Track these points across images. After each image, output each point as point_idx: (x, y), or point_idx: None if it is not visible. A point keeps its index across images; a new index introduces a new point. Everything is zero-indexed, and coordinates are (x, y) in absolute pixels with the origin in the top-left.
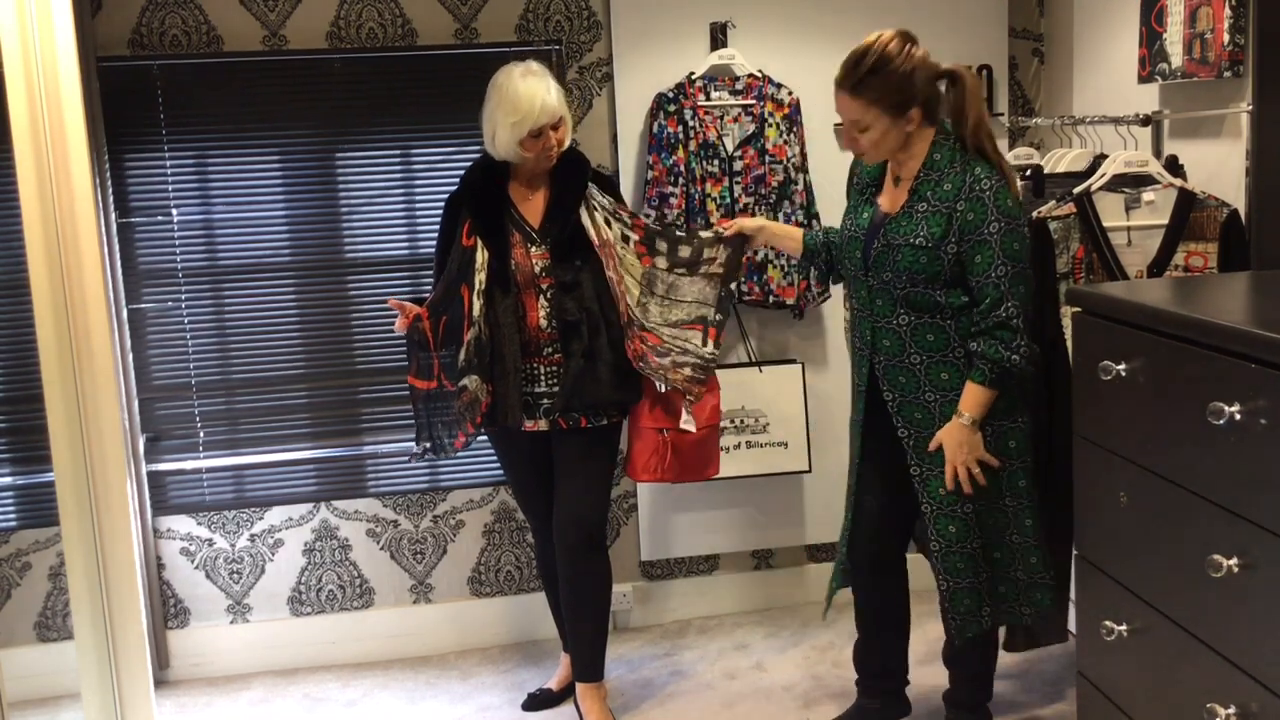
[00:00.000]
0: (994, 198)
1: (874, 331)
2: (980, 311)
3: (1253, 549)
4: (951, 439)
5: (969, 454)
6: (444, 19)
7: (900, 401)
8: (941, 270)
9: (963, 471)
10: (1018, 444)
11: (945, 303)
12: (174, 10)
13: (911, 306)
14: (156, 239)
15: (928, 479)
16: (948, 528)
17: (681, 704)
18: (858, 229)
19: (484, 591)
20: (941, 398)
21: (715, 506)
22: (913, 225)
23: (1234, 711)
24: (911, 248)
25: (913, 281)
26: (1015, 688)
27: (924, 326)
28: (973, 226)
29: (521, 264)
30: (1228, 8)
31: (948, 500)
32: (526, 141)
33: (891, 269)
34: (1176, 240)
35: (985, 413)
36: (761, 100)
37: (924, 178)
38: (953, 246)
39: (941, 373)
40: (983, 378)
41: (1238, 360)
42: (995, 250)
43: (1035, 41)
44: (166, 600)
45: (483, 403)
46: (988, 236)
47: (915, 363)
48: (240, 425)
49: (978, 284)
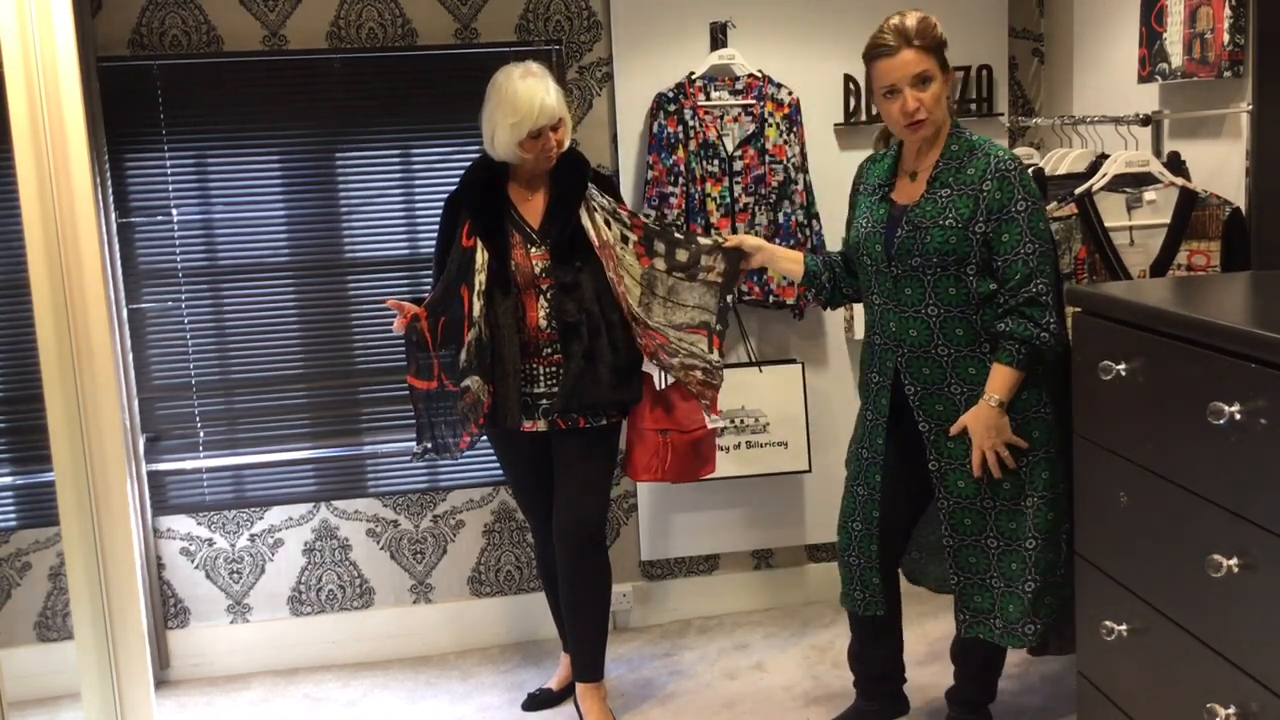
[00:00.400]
0: (1019, 177)
1: (900, 323)
2: (1009, 289)
3: (1253, 549)
4: (979, 422)
5: (997, 437)
6: (444, 19)
7: (922, 394)
8: (970, 251)
9: (991, 456)
10: (1041, 434)
11: (974, 289)
12: (174, 10)
13: (940, 294)
14: (156, 239)
15: (946, 473)
16: (963, 521)
17: (681, 704)
18: (876, 224)
19: (484, 591)
20: (968, 391)
21: (715, 506)
22: (939, 208)
23: (1234, 711)
24: (941, 229)
25: (943, 264)
26: (1015, 687)
27: (953, 320)
28: (1000, 205)
29: (521, 265)
30: (1228, 8)
31: (967, 493)
32: (526, 143)
33: (920, 253)
34: (1179, 239)
35: (1013, 395)
36: (761, 100)
37: (943, 166)
38: (981, 226)
39: (970, 366)
40: (1011, 359)
41: (1238, 360)
42: (1023, 227)
43: (1035, 41)
44: (166, 600)
45: (485, 404)
46: (1016, 215)
47: (943, 354)
48: (240, 425)
49: (1006, 262)
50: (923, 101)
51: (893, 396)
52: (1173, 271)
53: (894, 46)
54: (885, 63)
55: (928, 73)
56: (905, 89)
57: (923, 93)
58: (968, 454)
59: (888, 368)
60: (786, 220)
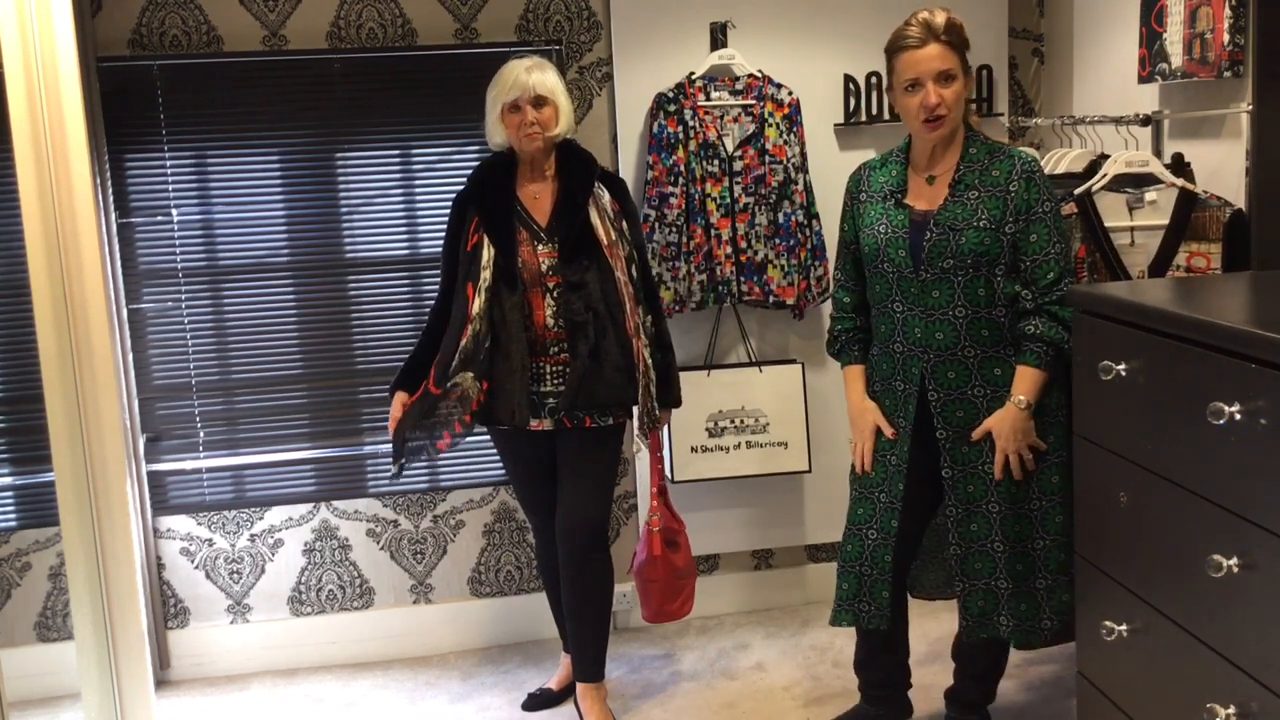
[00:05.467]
0: (1042, 178)
1: (926, 327)
2: (1041, 288)
3: (1253, 549)
4: (1006, 425)
5: (1023, 439)
6: (444, 19)
7: (944, 400)
8: (1001, 252)
9: (1014, 459)
10: (1057, 438)
11: (1000, 290)
12: (174, 10)
13: (969, 296)
14: (156, 239)
15: (958, 480)
16: (970, 527)
17: (681, 704)
18: (896, 230)
19: (484, 591)
20: (991, 393)
21: (715, 506)
22: (969, 210)
23: (1234, 711)
24: (976, 230)
25: (975, 265)
26: (1015, 687)
27: (979, 321)
28: (1027, 206)
29: (529, 262)
30: (1228, 8)
31: (975, 498)
32: (506, 116)
33: (954, 255)
34: (1177, 240)
35: (1040, 397)
36: (761, 100)
37: (965, 169)
38: (1010, 227)
39: (995, 368)
40: (1039, 360)
41: (1238, 360)
42: (1050, 227)
43: (1035, 41)
44: (166, 600)
45: (474, 400)
46: (1042, 214)
47: (969, 356)
48: (240, 425)
49: (1034, 262)
50: (944, 98)
51: (920, 405)
52: (1172, 273)
53: (921, 39)
54: (911, 55)
55: (952, 70)
56: (929, 83)
57: (945, 89)
58: (981, 459)
59: (913, 374)
60: (786, 220)
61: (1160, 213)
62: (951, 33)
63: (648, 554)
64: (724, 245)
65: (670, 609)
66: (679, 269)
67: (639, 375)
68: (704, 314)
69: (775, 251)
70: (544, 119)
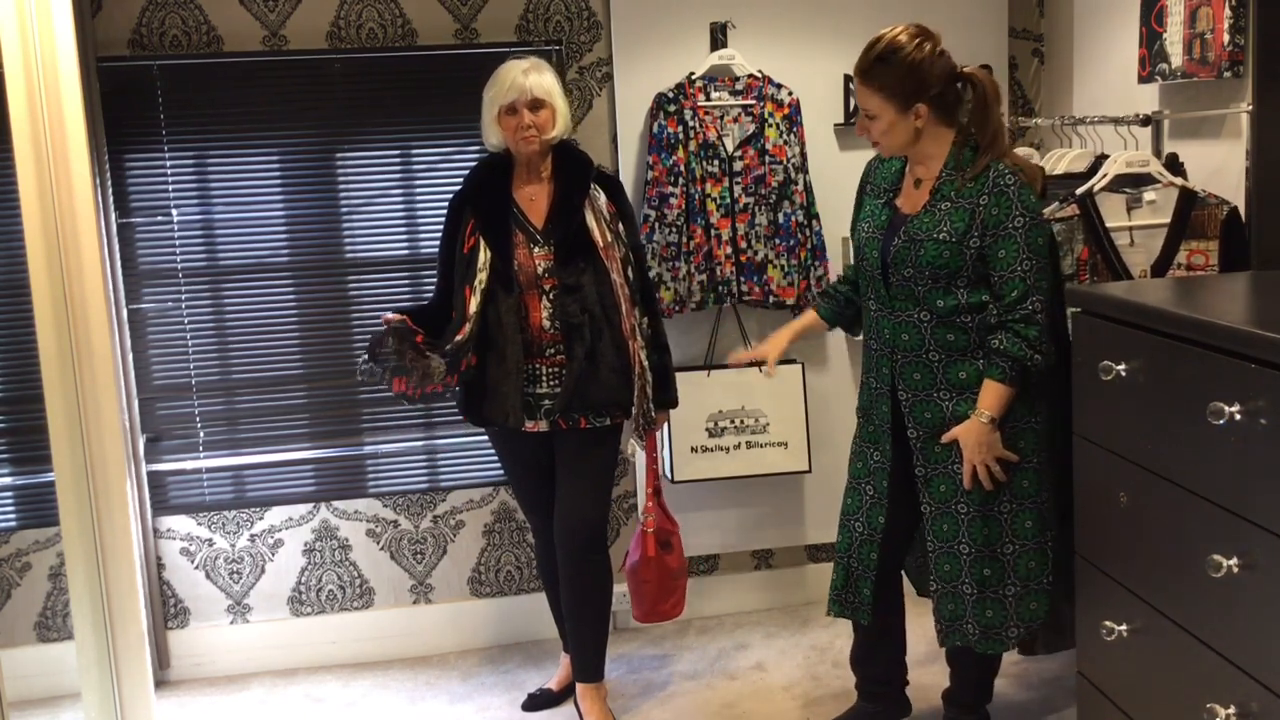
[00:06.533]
0: (1017, 193)
1: (894, 328)
2: (1005, 305)
3: (1253, 549)
4: (970, 438)
5: (987, 453)
6: (444, 19)
7: (913, 401)
8: (963, 265)
9: (982, 470)
10: (1028, 444)
11: (965, 302)
12: (174, 10)
13: (929, 305)
14: (156, 239)
15: (930, 478)
16: (941, 526)
17: (681, 704)
18: (877, 229)
19: (484, 591)
20: (956, 396)
21: (715, 506)
22: (935, 221)
23: (1234, 711)
24: (935, 242)
25: (934, 278)
26: (1015, 687)
27: (943, 326)
28: (996, 221)
29: (524, 264)
30: (1228, 8)
31: (944, 497)
32: (503, 118)
33: (913, 264)
34: (1179, 239)
35: (1005, 410)
36: (761, 100)
37: (946, 178)
38: (975, 241)
39: (960, 371)
40: (1003, 375)
41: (1238, 360)
42: (1020, 244)
43: (1035, 41)
44: (166, 600)
45: (433, 385)
46: (1012, 231)
47: (934, 360)
48: (240, 425)
49: (1001, 279)
50: (868, 131)
51: (896, 403)
52: (1173, 271)
53: (854, 67)
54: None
55: (868, 110)
56: (861, 115)
57: (869, 121)
58: (951, 460)
59: (884, 374)
60: (786, 220)
61: (1159, 212)
62: (863, 65)
63: (641, 555)
64: (724, 245)
65: (662, 609)
66: (679, 269)
67: (635, 377)
68: (704, 314)
69: (775, 252)
70: (541, 122)
